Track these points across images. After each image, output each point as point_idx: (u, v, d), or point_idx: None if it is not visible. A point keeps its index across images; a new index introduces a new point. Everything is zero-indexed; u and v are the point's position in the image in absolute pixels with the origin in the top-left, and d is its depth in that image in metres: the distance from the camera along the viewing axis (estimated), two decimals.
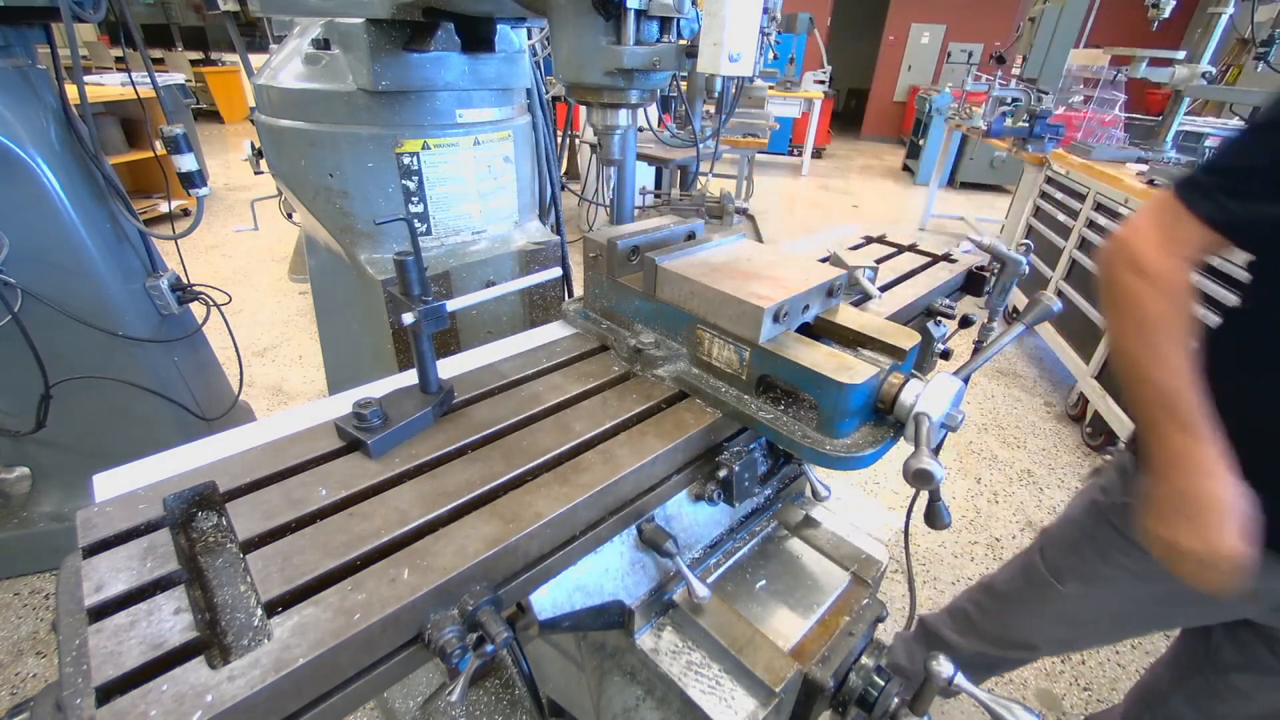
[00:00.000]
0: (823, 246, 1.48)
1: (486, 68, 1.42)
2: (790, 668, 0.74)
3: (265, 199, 2.82)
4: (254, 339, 3.83)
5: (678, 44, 0.88)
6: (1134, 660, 2.22)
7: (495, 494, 0.68)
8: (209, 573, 0.58)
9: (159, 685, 0.46)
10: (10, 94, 1.65)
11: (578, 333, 1.06)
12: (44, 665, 1.92)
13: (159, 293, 2.01)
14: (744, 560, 0.91)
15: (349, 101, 1.32)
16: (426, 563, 0.58)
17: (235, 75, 10.05)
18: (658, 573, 0.83)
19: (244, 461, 0.71)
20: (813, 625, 0.82)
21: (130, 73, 2.36)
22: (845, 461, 0.74)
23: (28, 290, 1.70)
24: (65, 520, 2.13)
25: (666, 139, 3.09)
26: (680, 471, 0.82)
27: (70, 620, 0.52)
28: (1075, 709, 2.05)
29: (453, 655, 0.55)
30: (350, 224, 1.43)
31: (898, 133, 12.21)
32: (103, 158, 1.83)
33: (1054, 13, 4.79)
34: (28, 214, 1.69)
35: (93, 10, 1.60)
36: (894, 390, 0.76)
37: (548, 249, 1.64)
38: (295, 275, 4.62)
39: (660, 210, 1.18)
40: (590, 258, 1.01)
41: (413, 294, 0.74)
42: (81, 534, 0.59)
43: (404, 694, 1.45)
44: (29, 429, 1.88)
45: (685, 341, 0.90)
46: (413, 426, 0.76)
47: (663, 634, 0.82)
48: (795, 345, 0.79)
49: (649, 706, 0.84)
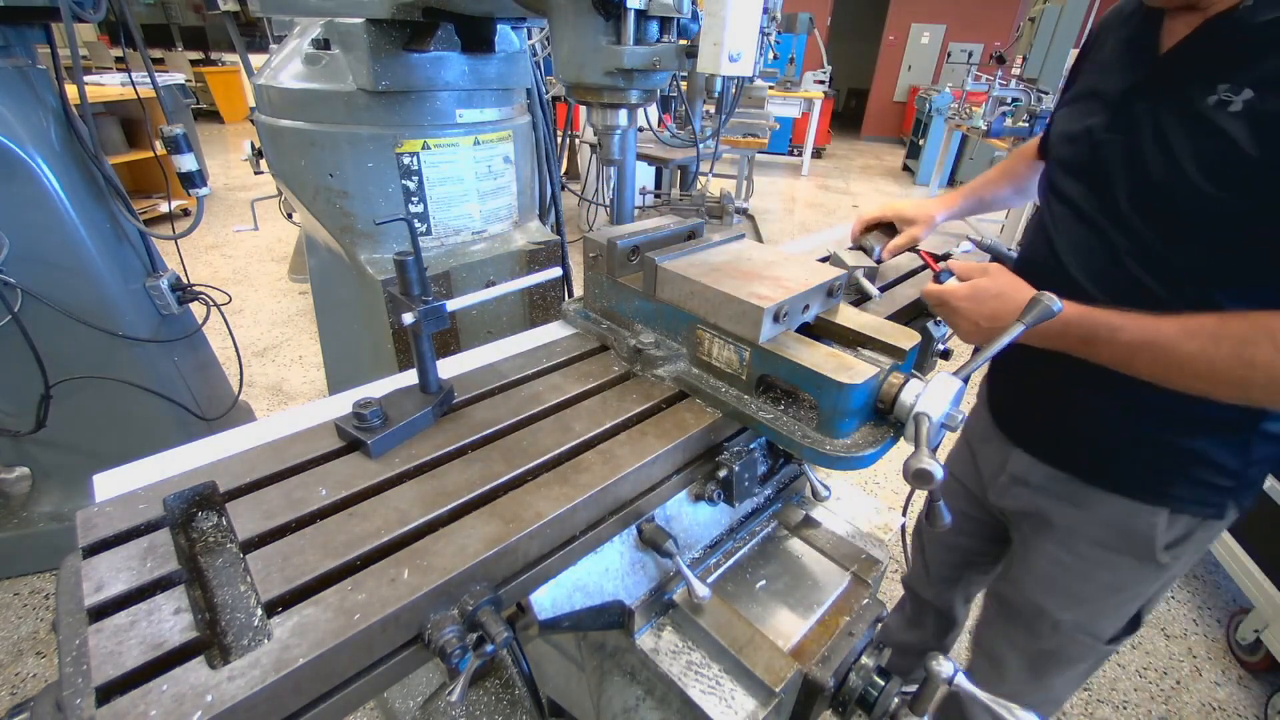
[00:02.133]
0: (823, 246, 1.48)
1: (486, 68, 1.42)
2: (790, 668, 0.74)
3: (265, 199, 2.82)
4: (254, 339, 3.83)
5: (678, 44, 0.88)
6: (1134, 660, 2.22)
7: (495, 494, 0.68)
8: (209, 573, 0.58)
9: (159, 685, 0.46)
10: (10, 94, 1.65)
11: (578, 333, 1.06)
12: (44, 665, 1.92)
13: (159, 293, 2.01)
14: (744, 560, 0.91)
15: (349, 101, 1.32)
16: (426, 563, 0.58)
17: (235, 75, 10.05)
18: (658, 573, 0.83)
19: (244, 461, 0.71)
20: (813, 625, 0.82)
21: (130, 73, 2.37)
22: (845, 461, 0.74)
23: (28, 290, 1.70)
24: (65, 520, 2.13)
25: (666, 139, 3.09)
26: (680, 471, 0.82)
27: (70, 620, 0.52)
28: (1075, 709, 2.05)
29: (453, 655, 0.55)
30: (350, 224, 1.43)
31: (898, 133, 12.21)
32: (103, 158, 1.83)
33: (1054, 13, 4.80)
34: (28, 214, 1.69)
35: (93, 10, 1.60)
36: (894, 390, 0.76)
37: (548, 249, 1.64)
38: (295, 275, 4.62)
39: (660, 210, 1.18)
40: (590, 258, 1.01)
41: (413, 294, 0.74)
42: (81, 534, 0.59)
43: (404, 694, 1.45)
44: (29, 429, 1.89)
45: (685, 341, 0.90)
46: (413, 426, 0.76)
47: (663, 634, 0.82)
48: (795, 345, 0.79)
49: (649, 706, 0.84)
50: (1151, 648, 2.27)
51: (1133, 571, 1.11)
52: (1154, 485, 1.04)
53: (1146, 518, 1.05)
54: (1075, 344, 0.91)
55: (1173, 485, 1.02)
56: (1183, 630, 2.36)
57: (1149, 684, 2.14)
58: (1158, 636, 2.32)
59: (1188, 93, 0.84)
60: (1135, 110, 0.92)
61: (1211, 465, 0.99)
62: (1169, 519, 1.04)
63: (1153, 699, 2.09)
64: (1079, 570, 1.15)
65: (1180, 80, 0.87)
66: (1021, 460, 1.19)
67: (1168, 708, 2.06)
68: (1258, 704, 2.10)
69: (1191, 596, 2.52)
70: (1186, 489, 1.02)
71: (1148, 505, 1.04)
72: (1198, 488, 1.01)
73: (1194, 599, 2.50)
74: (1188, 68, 0.86)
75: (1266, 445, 0.98)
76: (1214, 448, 0.98)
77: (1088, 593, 1.15)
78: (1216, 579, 2.59)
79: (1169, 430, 0.99)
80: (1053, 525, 1.16)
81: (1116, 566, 1.11)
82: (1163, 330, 0.83)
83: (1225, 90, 0.79)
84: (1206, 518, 1.04)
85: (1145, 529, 1.05)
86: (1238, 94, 0.78)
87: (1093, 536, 1.12)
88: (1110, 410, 1.04)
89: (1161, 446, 1.01)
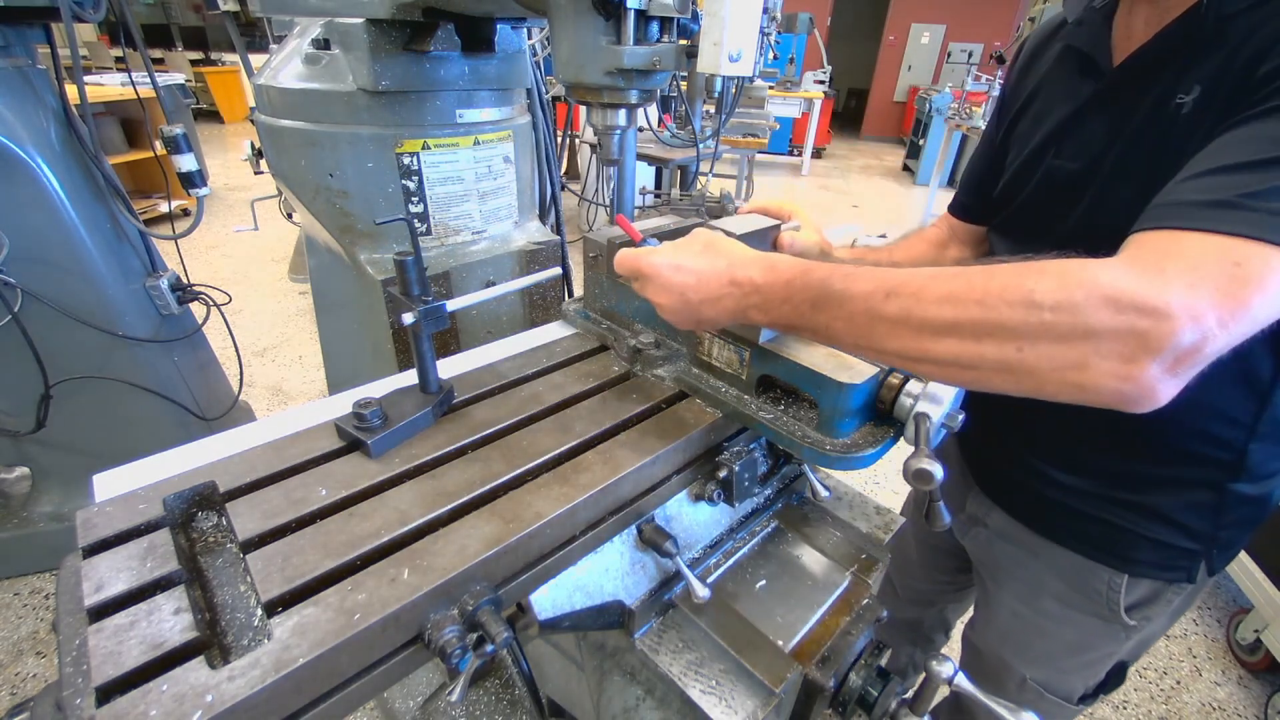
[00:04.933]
0: None
1: (487, 68, 1.42)
2: (790, 668, 0.74)
3: (265, 199, 2.82)
4: (254, 339, 3.83)
5: (678, 44, 0.88)
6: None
7: (495, 494, 0.68)
8: (209, 573, 0.58)
9: (159, 685, 0.46)
10: (10, 94, 1.65)
11: (578, 333, 1.06)
12: (44, 665, 1.92)
13: (159, 293, 2.01)
14: (744, 560, 0.91)
15: (349, 101, 1.32)
16: (426, 563, 0.58)
17: (235, 75, 10.04)
18: (658, 573, 0.83)
19: (244, 461, 0.71)
20: (813, 625, 0.82)
21: (130, 73, 2.36)
22: (845, 461, 0.74)
23: (28, 290, 1.70)
24: (65, 520, 2.13)
25: (666, 139, 3.09)
26: (680, 472, 0.82)
27: (70, 620, 0.52)
28: None
29: (453, 655, 0.55)
30: (350, 224, 1.43)
31: (898, 133, 12.21)
32: (103, 158, 1.83)
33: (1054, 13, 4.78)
34: (28, 214, 1.69)
35: (93, 10, 1.60)
36: (894, 390, 0.76)
37: (548, 249, 1.64)
38: (295, 275, 4.62)
39: (660, 210, 1.18)
40: (590, 258, 1.01)
41: (413, 294, 0.74)
42: (81, 534, 0.59)
43: (404, 694, 1.45)
44: (29, 429, 1.88)
45: (685, 341, 0.90)
46: (413, 426, 0.76)
47: (663, 634, 0.82)
48: (795, 345, 0.79)
49: (649, 706, 0.84)
50: (1151, 647, 2.27)
51: (1098, 631, 0.99)
52: (1110, 545, 0.93)
53: (1105, 577, 0.94)
54: (806, 312, 0.64)
55: (1131, 547, 0.91)
56: (1183, 630, 2.35)
57: (1149, 684, 2.14)
58: (1159, 639, 2.32)
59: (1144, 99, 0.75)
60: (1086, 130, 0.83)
61: (1174, 525, 0.88)
62: (1129, 582, 0.93)
63: (1153, 699, 2.09)
64: (1039, 626, 1.05)
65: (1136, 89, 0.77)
66: (980, 501, 1.10)
67: (1168, 708, 2.06)
68: (1258, 704, 2.10)
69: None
70: (1146, 551, 0.90)
71: (1106, 566, 0.94)
72: (1159, 550, 0.90)
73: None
74: (1143, 74, 0.77)
75: (1241, 507, 0.87)
76: (1176, 509, 0.87)
77: (1051, 650, 1.06)
78: (1216, 579, 2.59)
79: (1122, 488, 0.89)
80: (1011, 575, 1.07)
81: (1079, 625, 1.00)
82: (912, 275, 0.58)
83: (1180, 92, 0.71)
84: (1172, 581, 0.93)
85: (1105, 589, 0.95)
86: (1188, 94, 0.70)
87: (1052, 590, 1.01)
88: (1054, 472, 0.94)
89: (1115, 505, 0.90)
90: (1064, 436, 0.93)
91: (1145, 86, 0.76)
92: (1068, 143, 0.86)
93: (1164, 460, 0.86)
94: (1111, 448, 0.89)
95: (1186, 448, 0.85)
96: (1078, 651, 1.04)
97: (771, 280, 0.67)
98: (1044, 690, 1.09)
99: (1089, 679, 1.07)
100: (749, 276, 0.68)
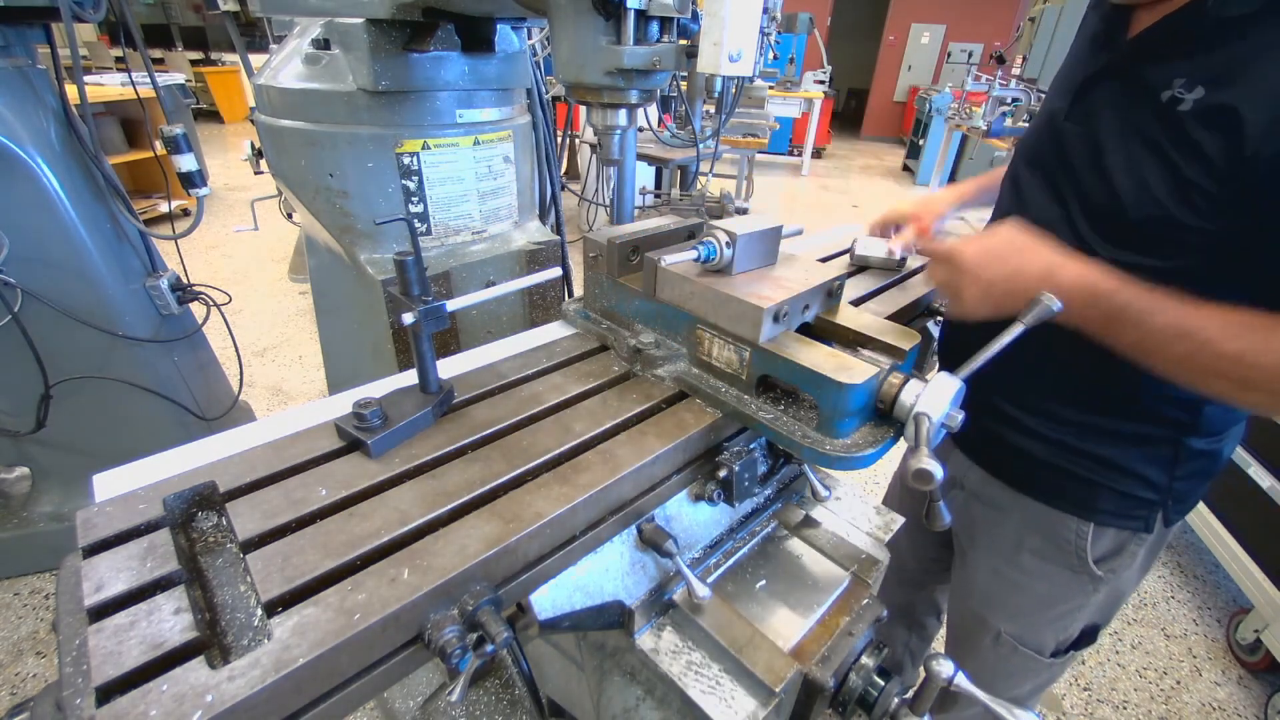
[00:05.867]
0: (822, 247, 1.48)
1: (486, 68, 1.42)
2: (790, 668, 0.74)
3: (265, 199, 2.82)
4: (254, 339, 3.83)
5: (678, 44, 0.88)
6: (1134, 660, 2.22)
7: (495, 494, 0.68)
8: (209, 573, 0.58)
9: (159, 685, 0.46)
10: (10, 94, 1.65)
11: (578, 333, 1.06)
12: (44, 665, 1.92)
13: (159, 293, 2.01)
14: (744, 560, 0.91)
15: (349, 101, 1.32)
16: (426, 563, 0.58)
17: (235, 75, 10.04)
18: (658, 573, 0.83)
19: (244, 461, 0.71)
20: (813, 625, 0.82)
21: (130, 73, 2.36)
22: (845, 461, 0.74)
23: (28, 290, 1.70)
24: (65, 520, 2.13)
25: (666, 139, 3.09)
26: (680, 471, 0.82)
27: (70, 620, 0.52)
28: (1075, 709, 2.05)
29: (453, 655, 0.55)
30: (350, 224, 1.44)
31: (898, 133, 12.21)
32: (103, 158, 1.83)
33: (1054, 13, 4.79)
34: (28, 214, 1.69)
35: (93, 10, 1.60)
36: (894, 390, 0.76)
37: (548, 249, 1.64)
38: (295, 275, 4.62)
39: (660, 210, 1.18)
40: (590, 258, 1.01)
41: (413, 294, 0.74)
42: (81, 534, 0.59)
43: (404, 694, 1.45)
44: (29, 429, 1.89)
45: (685, 341, 0.90)
46: (413, 426, 0.76)
47: (663, 634, 0.82)
48: (795, 345, 0.79)
49: (649, 706, 0.84)
50: (1151, 648, 2.27)
51: (1068, 584, 1.07)
52: (1076, 496, 1.02)
53: (1075, 527, 1.03)
54: (1097, 321, 0.80)
55: (1095, 497, 1.00)
56: (1183, 630, 2.36)
57: (1149, 684, 2.14)
58: (1158, 636, 2.32)
59: (1145, 82, 0.81)
60: (1093, 99, 0.89)
61: (1134, 477, 0.97)
62: (1095, 531, 1.02)
63: (1153, 699, 2.09)
64: (1014, 580, 1.12)
65: (1138, 69, 0.83)
66: (959, 461, 1.17)
67: (1168, 708, 2.06)
68: (1258, 704, 2.10)
69: (1191, 596, 2.52)
70: (1109, 501, 0.99)
71: (1073, 516, 1.02)
72: (1121, 500, 0.99)
73: (1194, 599, 2.50)
74: (1147, 56, 0.83)
75: (1194, 460, 0.96)
76: (1137, 461, 0.96)
77: (1025, 605, 1.13)
78: (1216, 579, 2.59)
79: (1088, 440, 0.97)
80: (988, 534, 1.14)
81: (1051, 578, 1.08)
82: (1204, 324, 0.73)
83: (1180, 86, 0.76)
84: (1133, 530, 1.01)
85: (1075, 539, 1.03)
86: (1189, 91, 0.75)
87: (1027, 545, 1.09)
88: (1026, 419, 1.02)
89: (1082, 457, 0.98)
90: (1038, 387, 1.00)
91: (1151, 67, 0.81)
92: (1077, 107, 0.92)
93: (1132, 416, 0.95)
94: (1083, 401, 0.97)
95: (1153, 407, 0.93)
96: (1051, 604, 1.11)
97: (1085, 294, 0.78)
98: (1018, 644, 1.15)
99: (1060, 634, 1.14)
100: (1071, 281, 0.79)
